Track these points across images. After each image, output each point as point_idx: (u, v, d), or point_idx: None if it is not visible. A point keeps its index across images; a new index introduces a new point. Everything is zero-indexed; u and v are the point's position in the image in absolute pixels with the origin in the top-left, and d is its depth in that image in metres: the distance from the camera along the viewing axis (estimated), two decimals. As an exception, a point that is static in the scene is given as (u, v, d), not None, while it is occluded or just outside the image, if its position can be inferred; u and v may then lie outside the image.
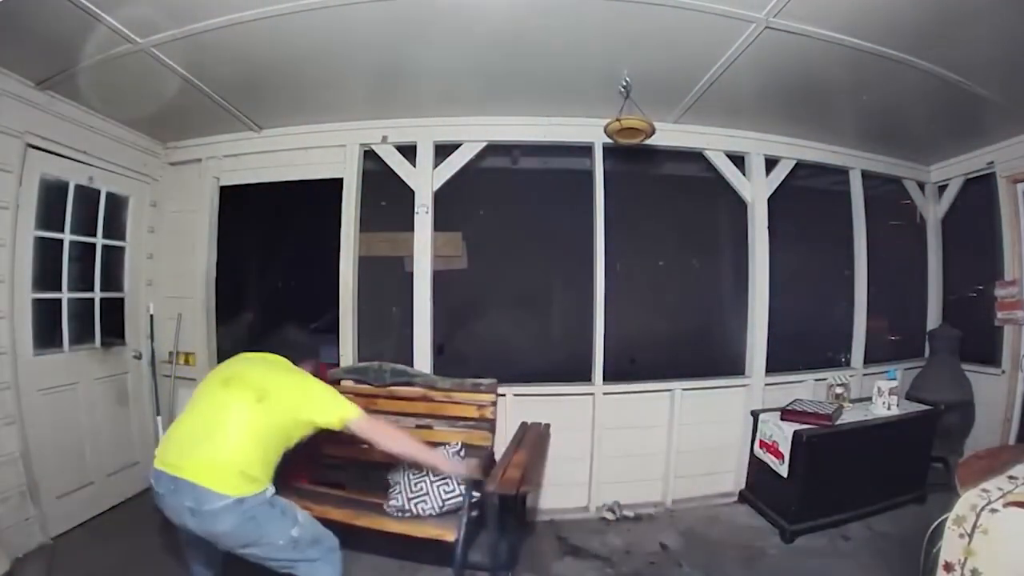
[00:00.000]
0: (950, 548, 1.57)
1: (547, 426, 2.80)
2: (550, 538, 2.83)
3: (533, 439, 2.64)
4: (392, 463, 2.44)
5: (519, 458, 2.32)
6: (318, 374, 2.05)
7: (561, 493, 3.10)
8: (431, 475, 2.32)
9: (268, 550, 1.68)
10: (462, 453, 2.49)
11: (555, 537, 2.83)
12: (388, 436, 1.89)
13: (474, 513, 2.23)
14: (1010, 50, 2.22)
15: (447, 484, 2.31)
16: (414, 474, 2.36)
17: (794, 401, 3.11)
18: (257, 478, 1.67)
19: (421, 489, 2.32)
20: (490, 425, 2.73)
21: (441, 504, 2.29)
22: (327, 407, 1.81)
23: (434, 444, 2.58)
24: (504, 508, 2.11)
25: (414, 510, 2.28)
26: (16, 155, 2.47)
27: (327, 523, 1.94)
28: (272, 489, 1.73)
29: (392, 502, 2.32)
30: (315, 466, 2.71)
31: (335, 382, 2.95)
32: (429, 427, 2.79)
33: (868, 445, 2.92)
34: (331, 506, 2.30)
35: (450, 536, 2.14)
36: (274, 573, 1.79)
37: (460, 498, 2.28)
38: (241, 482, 1.62)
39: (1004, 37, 2.12)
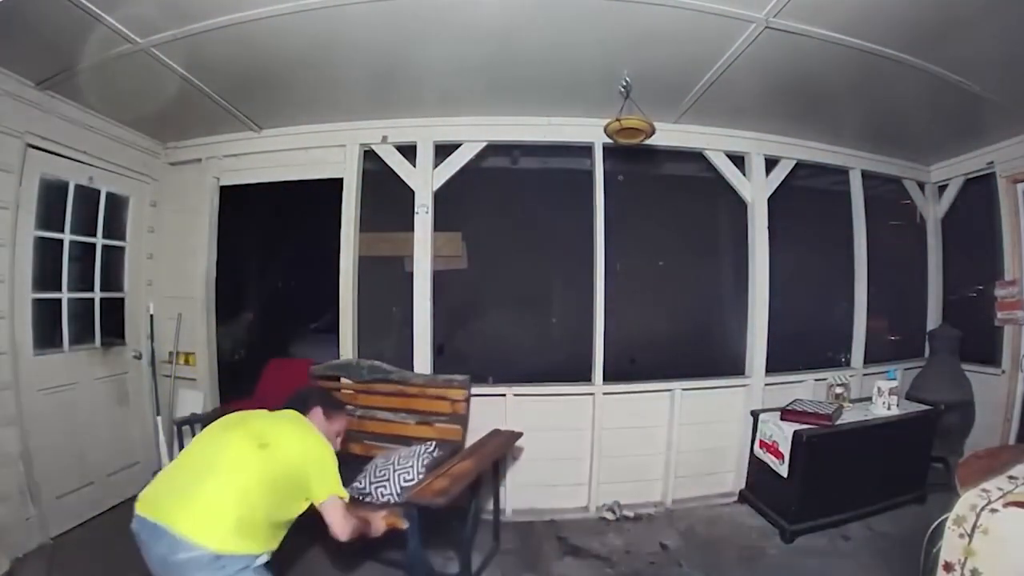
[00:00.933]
0: (950, 548, 1.57)
1: (517, 433, 2.73)
2: (550, 538, 2.83)
3: (491, 448, 2.54)
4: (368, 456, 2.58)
5: (459, 468, 2.20)
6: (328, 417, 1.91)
7: (561, 493, 3.10)
8: (395, 464, 2.37)
9: None
10: (435, 452, 2.46)
11: (555, 537, 2.84)
12: (344, 530, 1.67)
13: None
14: (1010, 50, 2.22)
15: (407, 473, 2.33)
16: (381, 462, 2.42)
17: (794, 401, 3.11)
18: (250, 538, 1.46)
19: (383, 476, 2.36)
20: (462, 420, 2.77)
21: (399, 491, 2.27)
22: (327, 475, 1.66)
23: (408, 439, 2.71)
24: (426, 517, 1.99)
25: (375, 495, 2.30)
26: (16, 155, 2.48)
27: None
28: (265, 559, 1.51)
29: (356, 484, 2.35)
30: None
31: (318, 378, 3.06)
32: (404, 422, 2.84)
33: (868, 445, 2.92)
34: None
35: (404, 524, 2.00)
36: None
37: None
38: (228, 536, 1.41)
39: (1004, 37, 2.12)
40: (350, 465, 2.61)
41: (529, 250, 3.36)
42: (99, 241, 3.06)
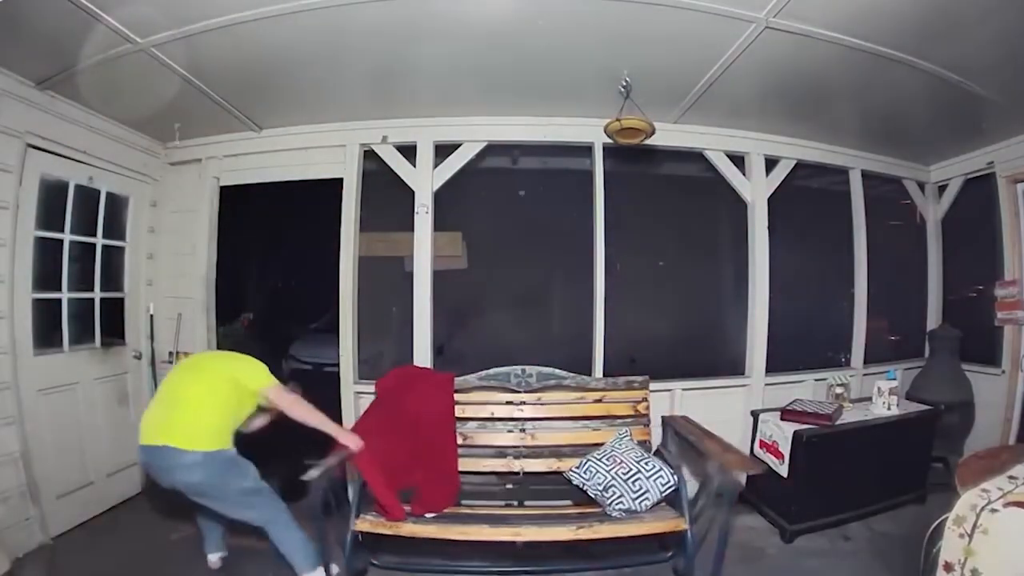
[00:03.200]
0: (950, 548, 1.57)
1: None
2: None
3: (695, 428, 2.64)
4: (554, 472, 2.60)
5: (711, 446, 2.31)
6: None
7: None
8: (615, 471, 2.40)
9: (226, 498, 2.03)
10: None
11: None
12: (296, 407, 2.16)
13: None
14: (1010, 50, 2.22)
15: (662, 476, 2.37)
16: (622, 470, 2.40)
17: (794, 401, 3.11)
18: (222, 436, 2.03)
19: (640, 487, 2.35)
20: (646, 420, 2.79)
21: (659, 496, 2.35)
22: (250, 371, 2.16)
23: (587, 448, 2.65)
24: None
25: (638, 507, 2.31)
26: (16, 155, 2.47)
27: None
28: (234, 449, 2.08)
29: (619, 504, 2.32)
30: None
31: (471, 390, 2.80)
32: (586, 430, 2.76)
33: (868, 445, 2.92)
34: (553, 525, 2.22)
35: (683, 525, 2.22)
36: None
37: (675, 486, 2.37)
38: (207, 439, 1.97)
39: (1004, 37, 2.12)
40: (525, 486, 2.63)
41: (529, 250, 3.36)
42: (99, 241, 3.06)
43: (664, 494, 2.36)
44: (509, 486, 2.71)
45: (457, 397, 2.77)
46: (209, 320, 3.35)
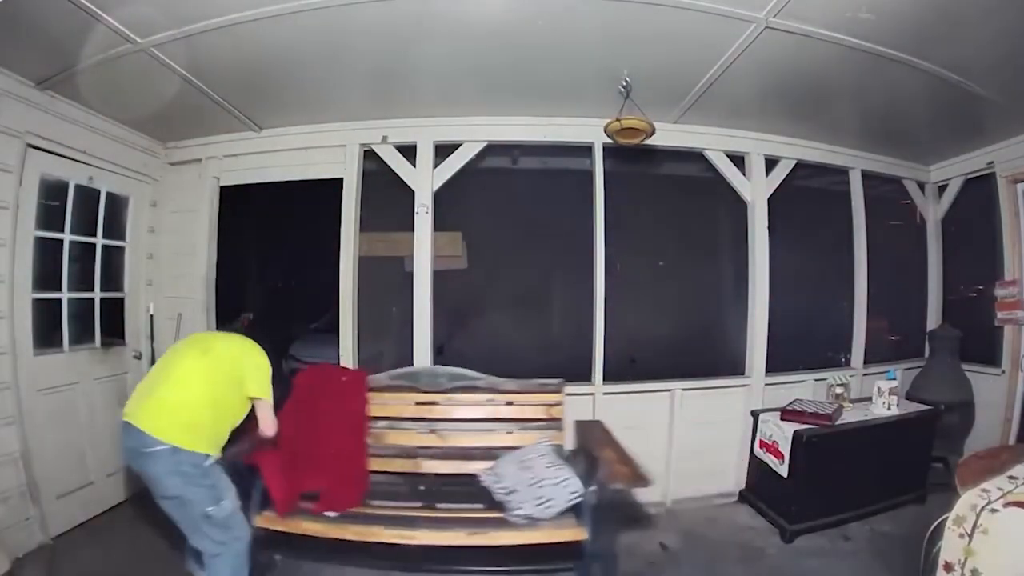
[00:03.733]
0: (950, 548, 1.57)
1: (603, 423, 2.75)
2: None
3: (602, 436, 2.58)
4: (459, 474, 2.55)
5: (608, 455, 2.25)
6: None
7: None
8: (549, 478, 2.28)
9: (184, 511, 1.80)
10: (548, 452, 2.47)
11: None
12: (268, 432, 2.03)
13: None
14: (1010, 50, 2.22)
15: (570, 484, 2.25)
16: (529, 476, 2.31)
17: (794, 401, 3.11)
18: (201, 436, 1.78)
19: (544, 495, 2.24)
20: (559, 424, 2.69)
21: (565, 505, 2.22)
22: (262, 377, 1.99)
23: (498, 451, 2.58)
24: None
25: (540, 515, 2.19)
26: (16, 155, 2.47)
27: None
28: (213, 459, 1.83)
29: (518, 511, 2.21)
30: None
31: (383, 390, 2.78)
32: (495, 431, 2.70)
33: (868, 445, 2.92)
34: (449, 529, 2.17)
35: (582, 535, 2.10)
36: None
37: (581, 497, 2.22)
38: (181, 433, 1.74)
39: (1004, 37, 2.12)
40: (433, 488, 2.57)
41: (529, 250, 3.36)
42: (99, 241, 3.06)
43: (570, 503, 2.22)
44: (422, 488, 2.63)
45: (370, 396, 2.74)
46: (209, 320, 3.35)
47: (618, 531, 2.14)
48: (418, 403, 2.75)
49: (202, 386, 1.84)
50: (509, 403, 2.73)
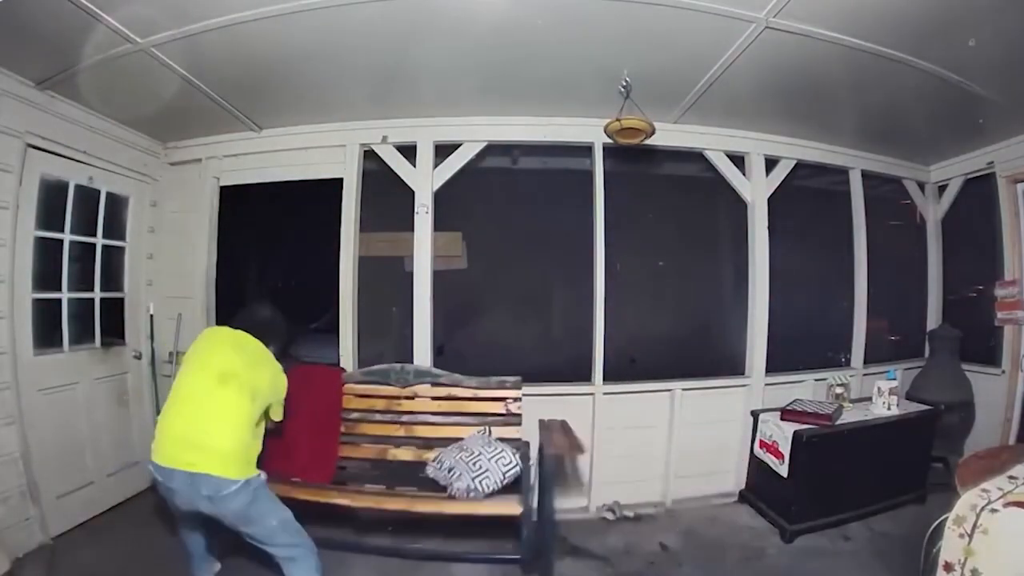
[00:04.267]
0: (950, 548, 1.57)
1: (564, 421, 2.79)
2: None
3: (558, 425, 2.63)
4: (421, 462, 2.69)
5: (558, 438, 2.38)
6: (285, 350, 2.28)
7: (561, 493, 3.09)
8: (485, 452, 2.45)
9: (264, 530, 1.87)
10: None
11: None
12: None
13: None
14: (1010, 50, 2.22)
15: (504, 456, 2.43)
16: (467, 455, 2.45)
17: (794, 401, 3.11)
18: (251, 461, 1.88)
19: (481, 467, 2.40)
20: (518, 420, 2.81)
21: (502, 477, 2.39)
22: (283, 402, 2.14)
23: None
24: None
25: (480, 487, 2.34)
26: (16, 155, 2.47)
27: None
28: (263, 474, 1.93)
29: (458, 484, 2.36)
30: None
31: (357, 383, 2.99)
32: (458, 425, 2.84)
33: (868, 445, 2.92)
34: (387, 497, 2.43)
35: (516, 510, 2.24)
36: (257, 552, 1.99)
37: (517, 468, 2.42)
38: (243, 465, 1.83)
39: (1004, 37, 2.12)
40: (398, 473, 2.74)
41: (529, 250, 3.36)
42: (99, 241, 3.06)
43: (507, 475, 2.40)
44: (378, 472, 2.82)
45: (345, 389, 2.96)
46: (209, 320, 3.35)
47: (554, 501, 2.29)
48: (388, 396, 2.94)
49: (246, 418, 1.89)
50: (470, 399, 2.87)
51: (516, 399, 2.83)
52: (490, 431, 2.74)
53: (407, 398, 2.92)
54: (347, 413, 2.93)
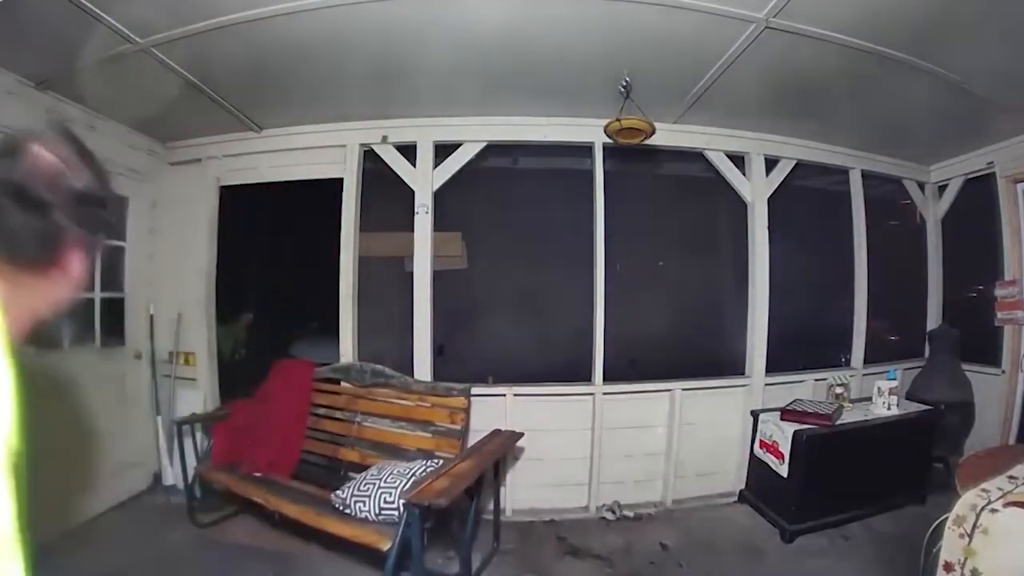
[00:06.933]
0: (950, 548, 1.57)
1: (517, 434, 2.65)
2: (550, 538, 2.83)
3: (492, 448, 2.48)
4: (365, 465, 2.67)
5: (460, 468, 2.17)
6: None
7: (561, 493, 3.10)
8: (382, 480, 2.31)
9: None
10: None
11: (555, 537, 2.83)
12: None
13: (426, 524, 2.03)
14: (1010, 50, 2.22)
15: (388, 494, 2.23)
16: (372, 475, 2.37)
17: (794, 401, 3.11)
18: None
19: (366, 491, 2.28)
20: (460, 432, 2.66)
21: (378, 511, 2.22)
22: None
23: (405, 450, 2.75)
24: (425, 519, 1.98)
25: (353, 508, 2.25)
26: (16, 155, 2.47)
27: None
28: None
29: (339, 492, 2.33)
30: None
31: (320, 381, 3.12)
32: (403, 431, 2.82)
33: (868, 445, 2.92)
34: (301, 504, 2.39)
35: (384, 545, 2.04)
36: None
37: (395, 512, 2.16)
38: None
39: (1004, 38, 2.12)
40: (338, 474, 2.76)
41: (529, 250, 3.36)
42: (99, 241, 3.05)
43: (383, 512, 2.21)
44: (335, 471, 2.85)
45: (313, 385, 3.09)
46: (209, 320, 3.35)
47: (425, 545, 2.03)
48: (348, 395, 3.01)
49: None
50: (417, 404, 2.84)
51: (462, 408, 2.67)
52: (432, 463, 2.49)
53: (363, 398, 2.96)
54: (314, 408, 3.05)
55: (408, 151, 3.15)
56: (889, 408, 3.06)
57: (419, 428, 2.78)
